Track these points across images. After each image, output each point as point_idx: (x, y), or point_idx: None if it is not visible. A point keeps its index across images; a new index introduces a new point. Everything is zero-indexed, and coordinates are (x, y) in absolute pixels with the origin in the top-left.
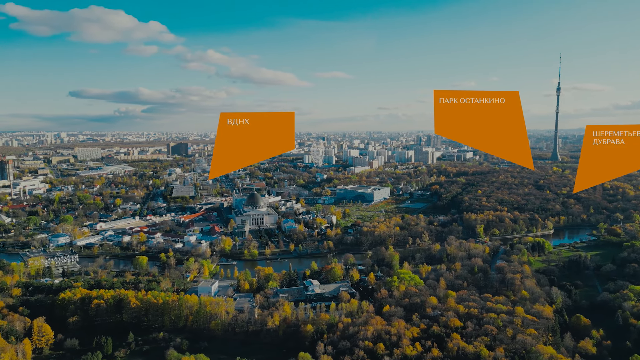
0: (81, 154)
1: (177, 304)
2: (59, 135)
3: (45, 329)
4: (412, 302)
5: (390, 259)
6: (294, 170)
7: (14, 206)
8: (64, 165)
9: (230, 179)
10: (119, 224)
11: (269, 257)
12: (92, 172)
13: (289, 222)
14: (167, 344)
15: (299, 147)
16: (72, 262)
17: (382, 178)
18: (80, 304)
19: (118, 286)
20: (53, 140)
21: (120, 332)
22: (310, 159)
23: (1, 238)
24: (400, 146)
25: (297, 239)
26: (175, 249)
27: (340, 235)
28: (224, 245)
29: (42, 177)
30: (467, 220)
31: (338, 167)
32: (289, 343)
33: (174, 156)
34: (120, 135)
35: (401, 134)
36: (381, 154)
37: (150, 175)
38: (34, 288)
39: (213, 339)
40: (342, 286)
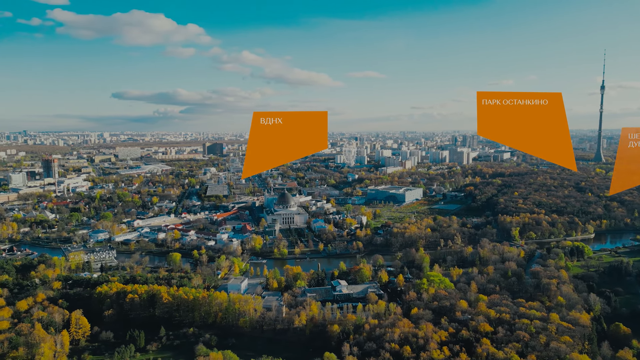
0: (122, 153)
1: (206, 301)
2: (102, 135)
3: (83, 322)
4: (442, 305)
5: (421, 260)
6: (325, 170)
7: (58, 203)
8: (106, 164)
9: (262, 179)
10: (155, 221)
11: (298, 256)
12: (131, 171)
13: (318, 222)
14: (196, 339)
15: (331, 147)
16: (110, 257)
17: (414, 179)
18: (115, 297)
19: (152, 281)
20: (96, 140)
21: (153, 327)
22: (342, 159)
23: (45, 233)
24: (434, 146)
25: (326, 238)
26: (208, 246)
27: (369, 236)
28: (254, 244)
29: (85, 176)
30: (501, 223)
31: (370, 167)
32: (316, 342)
33: (209, 156)
34: (159, 135)
35: (436, 134)
36: (414, 154)
37: (186, 174)
38: (73, 281)
39: (241, 335)
40: (370, 287)
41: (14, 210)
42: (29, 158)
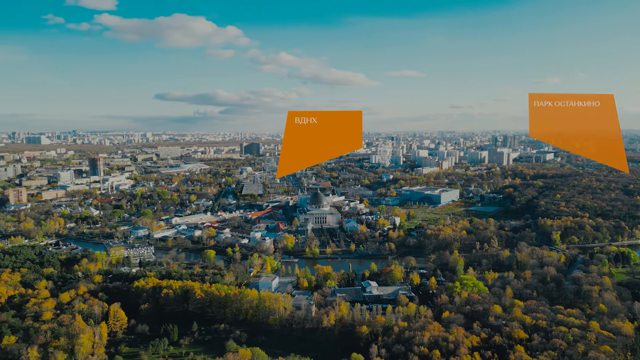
0: (163, 152)
1: (238, 298)
2: (145, 135)
3: (120, 314)
4: (474, 310)
5: (454, 263)
6: (359, 170)
7: (102, 200)
8: (148, 163)
9: (297, 178)
10: (192, 218)
11: (329, 256)
12: (171, 169)
13: (351, 222)
14: (227, 336)
15: (366, 147)
16: (149, 253)
17: (451, 179)
18: (151, 292)
19: (186, 277)
20: (140, 140)
21: (186, 321)
22: (376, 159)
23: (89, 229)
24: (473, 146)
25: (358, 239)
26: (241, 244)
27: (402, 237)
28: (286, 243)
29: (127, 174)
30: (542, 226)
31: (405, 167)
32: (344, 343)
33: (246, 155)
34: (199, 135)
35: (475, 134)
36: (452, 154)
37: (224, 173)
38: (113, 275)
39: (270, 333)
40: (401, 289)
41: (61, 207)
42: (77, 157)
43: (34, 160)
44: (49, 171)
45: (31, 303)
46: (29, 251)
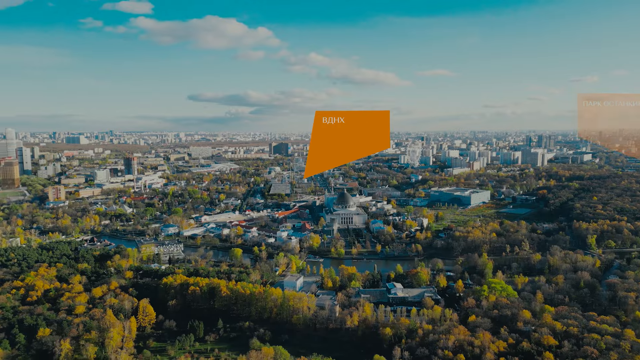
0: (194, 152)
1: (262, 296)
2: (178, 135)
3: (149, 310)
4: (502, 314)
5: (483, 266)
6: (388, 170)
7: (135, 198)
8: (180, 162)
9: (324, 178)
10: (221, 217)
11: (355, 256)
12: (202, 169)
13: (377, 223)
14: (251, 334)
15: (395, 147)
16: (178, 251)
17: (482, 180)
18: (179, 289)
19: (213, 275)
20: (173, 140)
21: (212, 318)
22: (405, 159)
23: (122, 226)
24: (506, 147)
25: (384, 240)
26: (268, 243)
27: (430, 239)
28: (312, 242)
29: (160, 173)
30: (576, 230)
31: (435, 168)
32: (367, 344)
33: (275, 155)
34: (229, 135)
35: (509, 134)
36: (484, 154)
37: (252, 172)
38: (143, 272)
39: (294, 332)
40: (427, 292)
41: (97, 204)
42: (113, 156)
43: (73, 160)
44: (86, 170)
45: (65, 297)
46: (65, 247)
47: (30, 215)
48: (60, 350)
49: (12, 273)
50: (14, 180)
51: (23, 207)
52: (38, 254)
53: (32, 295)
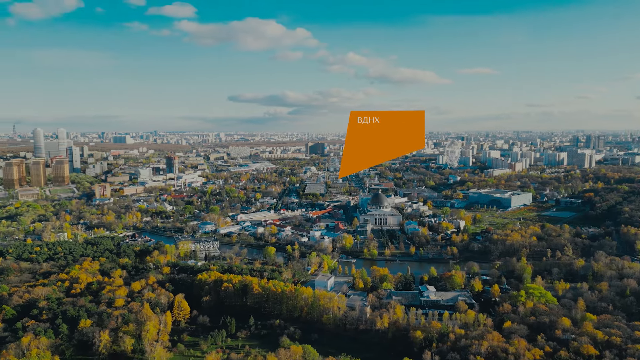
0: (233, 152)
1: (293, 295)
2: (219, 135)
3: (184, 305)
4: (539, 321)
5: (521, 271)
6: (425, 171)
7: (175, 196)
8: (219, 162)
9: (359, 178)
10: (256, 216)
11: (388, 257)
12: (240, 168)
13: (412, 224)
14: (281, 331)
15: (434, 147)
16: (214, 248)
17: (524, 182)
18: (213, 285)
19: (246, 272)
20: (213, 140)
21: (244, 315)
22: (444, 159)
23: (162, 223)
24: (551, 147)
25: (419, 242)
26: (301, 242)
27: (466, 242)
28: (345, 243)
29: (200, 172)
30: (624, 235)
31: (474, 169)
32: (397, 346)
33: (311, 155)
34: (268, 135)
35: (555, 134)
36: (526, 155)
37: (288, 172)
38: (180, 268)
39: (324, 332)
40: (461, 295)
41: (139, 202)
42: (156, 155)
43: (119, 158)
44: (131, 168)
45: (106, 290)
46: (109, 242)
47: (77, 211)
48: (100, 341)
49: (58, 266)
50: (64, 177)
51: (72, 204)
52: (83, 248)
53: (76, 288)
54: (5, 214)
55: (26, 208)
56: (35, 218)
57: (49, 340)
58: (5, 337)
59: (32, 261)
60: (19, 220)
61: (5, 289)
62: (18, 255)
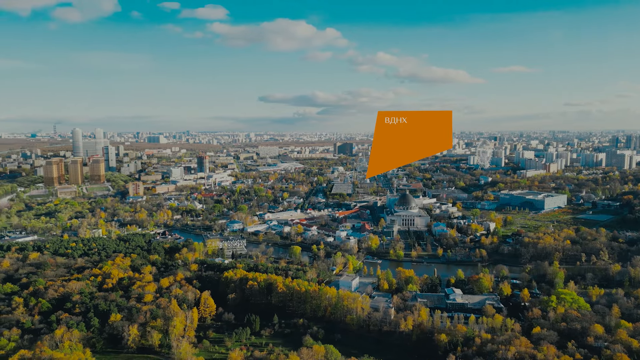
0: (262, 151)
1: (317, 294)
2: (249, 135)
3: (210, 302)
4: (571, 328)
5: (553, 275)
6: (455, 171)
7: (205, 195)
8: (248, 161)
9: (387, 179)
10: (283, 215)
11: (414, 259)
12: (269, 168)
13: (440, 226)
14: (305, 331)
15: (465, 147)
16: (241, 246)
17: (558, 184)
18: (239, 283)
19: (271, 271)
20: (243, 140)
21: (268, 313)
22: (475, 160)
23: (192, 221)
24: (589, 148)
25: (446, 243)
26: (327, 242)
27: (495, 244)
28: (371, 243)
29: (230, 171)
30: None
31: (507, 169)
32: (421, 349)
33: (339, 155)
34: (296, 135)
35: (593, 134)
36: (562, 156)
37: (316, 172)
38: (207, 265)
39: (347, 332)
40: (489, 299)
41: (170, 200)
42: (188, 155)
43: (152, 158)
44: (163, 167)
45: (136, 285)
46: (140, 239)
47: (112, 209)
48: (129, 335)
49: (92, 261)
50: (100, 176)
51: (107, 201)
52: (116, 244)
53: (107, 283)
54: (44, 211)
55: (64, 205)
56: (72, 215)
57: (80, 333)
58: (41, 329)
59: (68, 256)
60: (57, 217)
61: (41, 283)
62: (55, 251)
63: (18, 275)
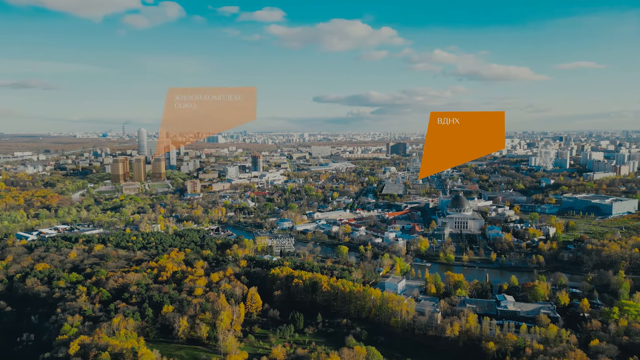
0: (315, 151)
1: (361, 295)
2: (303, 135)
3: (256, 298)
4: (633, 342)
5: (617, 285)
6: (514, 173)
7: (258, 193)
8: (301, 161)
9: (441, 180)
10: (332, 214)
11: (465, 263)
12: (320, 167)
13: (494, 229)
14: (348, 331)
15: (527, 147)
16: (289, 244)
17: (630, 187)
18: (284, 280)
19: (316, 270)
20: (297, 140)
21: (312, 312)
22: (536, 161)
23: (244, 218)
24: None
25: (501, 248)
26: (374, 243)
27: (555, 251)
28: (420, 245)
29: (282, 170)
30: None
31: (572, 171)
32: (467, 357)
33: (392, 155)
34: (350, 135)
35: None
36: (635, 157)
37: (367, 172)
38: (255, 262)
39: (391, 335)
40: (543, 308)
41: (225, 197)
42: (244, 154)
43: (210, 157)
44: (220, 166)
45: (188, 279)
46: (195, 234)
47: (171, 205)
48: (179, 326)
49: (150, 255)
50: (161, 174)
51: (166, 198)
52: (172, 239)
53: (162, 275)
54: (110, 206)
55: (128, 201)
56: (135, 210)
57: (135, 322)
58: (100, 317)
59: (128, 249)
60: (121, 212)
61: (103, 273)
62: (117, 244)
63: (83, 266)
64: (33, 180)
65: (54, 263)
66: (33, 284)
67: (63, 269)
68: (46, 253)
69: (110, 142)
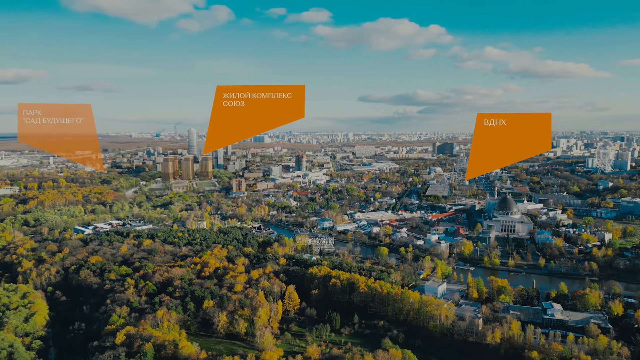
0: (358, 151)
1: (399, 297)
2: (347, 135)
3: (294, 296)
4: None
5: None
6: (569, 175)
7: (300, 192)
8: (344, 161)
9: (490, 181)
10: (373, 215)
11: (511, 268)
12: (363, 167)
13: (544, 234)
14: (384, 333)
15: (584, 148)
16: (329, 244)
17: None
18: (322, 280)
19: (354, 270)
20: (342, 139)
21: (349, 312)
22: (594, 162)
23: (286, 217)
24: None
25: (550, 253)
26: (415, 245)
27: (610, 258)
28: (463, 249)
29: (325, 170)
30: None
31: (633, 174)
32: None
33: (438, 155)
34: (395, 135)
35: None
36: None
37: (411, 173)
38: (295, 260)
39: (429, 339)
40: (594, 318)
41: (268, 196)
42: (289, 154)
43: (256, 156)
44: (265, 165)
45: (229, 275)
46: (237, 232)
47: (216, 203)
48: (219, 321)
49: (194, 251)
50: (208, 172)
51: (213, 196)
52: (216, 236)
53: (205, 271)
54: (160, 203)
55: (177, 198)
56: (182, 207)
57: (178, 316)
58: (145, 309)
59: (175, 245)
60: (170, 209)
61: (150, 267)
62: (164, 239)
63: (132, 259)
64: (91, 177)
65: (106, 256)
66: (86, 276)
67: (114, 262)
68: (99, 246)
69: (162, 141)
